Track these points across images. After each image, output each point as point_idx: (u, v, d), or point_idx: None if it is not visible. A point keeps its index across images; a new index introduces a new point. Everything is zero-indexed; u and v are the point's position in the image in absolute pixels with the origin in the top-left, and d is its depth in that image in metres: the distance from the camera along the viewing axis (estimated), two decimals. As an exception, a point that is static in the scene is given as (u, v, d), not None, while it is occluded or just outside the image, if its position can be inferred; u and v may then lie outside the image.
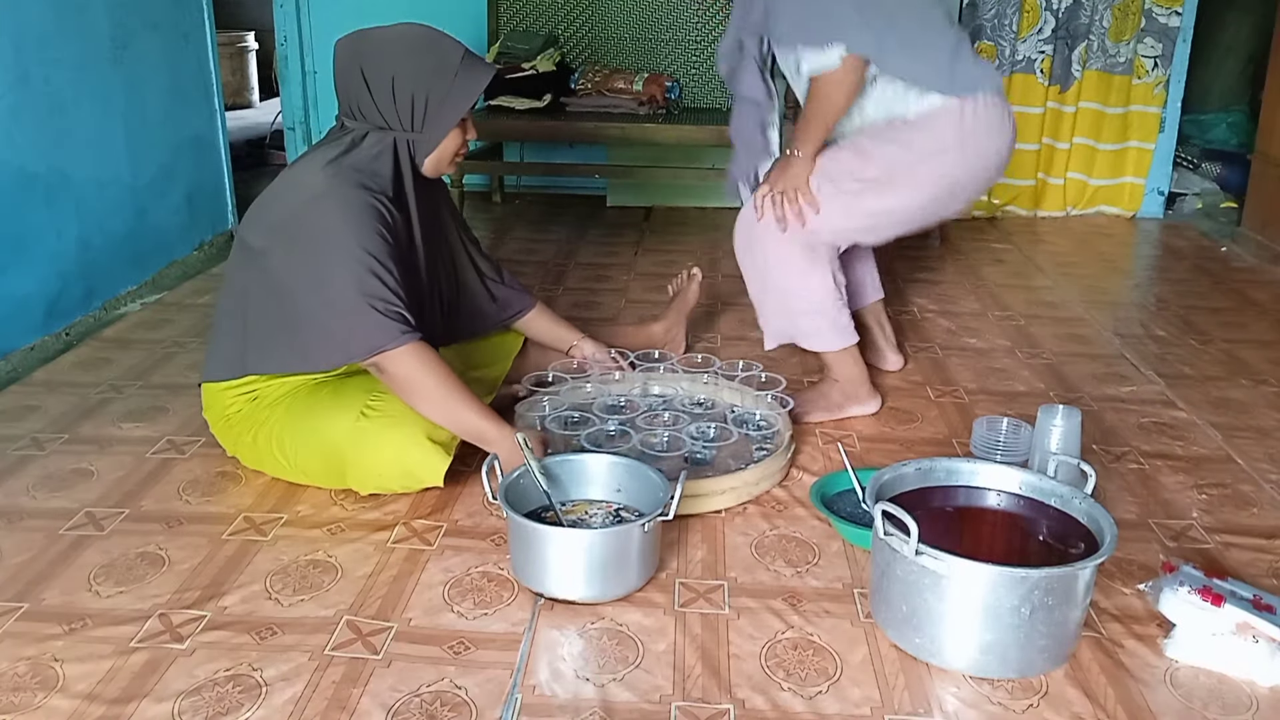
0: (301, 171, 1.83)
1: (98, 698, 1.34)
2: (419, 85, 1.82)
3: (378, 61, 1.81)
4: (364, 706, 1.34)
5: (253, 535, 1.75)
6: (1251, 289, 3.35)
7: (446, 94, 1.83)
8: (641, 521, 1.53)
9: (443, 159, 1.91)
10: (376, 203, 1.77)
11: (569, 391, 2.21)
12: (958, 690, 1.39)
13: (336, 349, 1.75)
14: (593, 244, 3.79)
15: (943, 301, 3.15)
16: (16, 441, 2.08)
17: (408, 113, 1.83)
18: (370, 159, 1.83)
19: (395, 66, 1.80)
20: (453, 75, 1.83)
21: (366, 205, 1.75)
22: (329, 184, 1.76)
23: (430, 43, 1.85)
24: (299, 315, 1.77)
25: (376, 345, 1.71)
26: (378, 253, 1.73)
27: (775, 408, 2.12)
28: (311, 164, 1.82)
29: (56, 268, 2.70)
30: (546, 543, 1.53)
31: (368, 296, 1.71)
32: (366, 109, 1.84)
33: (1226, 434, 2.23)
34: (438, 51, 1.84)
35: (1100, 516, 1.48)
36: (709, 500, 1.84)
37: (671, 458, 1.94)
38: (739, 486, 1.87)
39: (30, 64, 2.58)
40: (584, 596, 1.55)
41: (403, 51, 1.82)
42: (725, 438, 2.03)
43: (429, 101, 1.83)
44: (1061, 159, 4.26)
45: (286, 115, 4.61)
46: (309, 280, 1.74)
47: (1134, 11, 4.08)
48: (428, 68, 1.82)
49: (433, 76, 1.82)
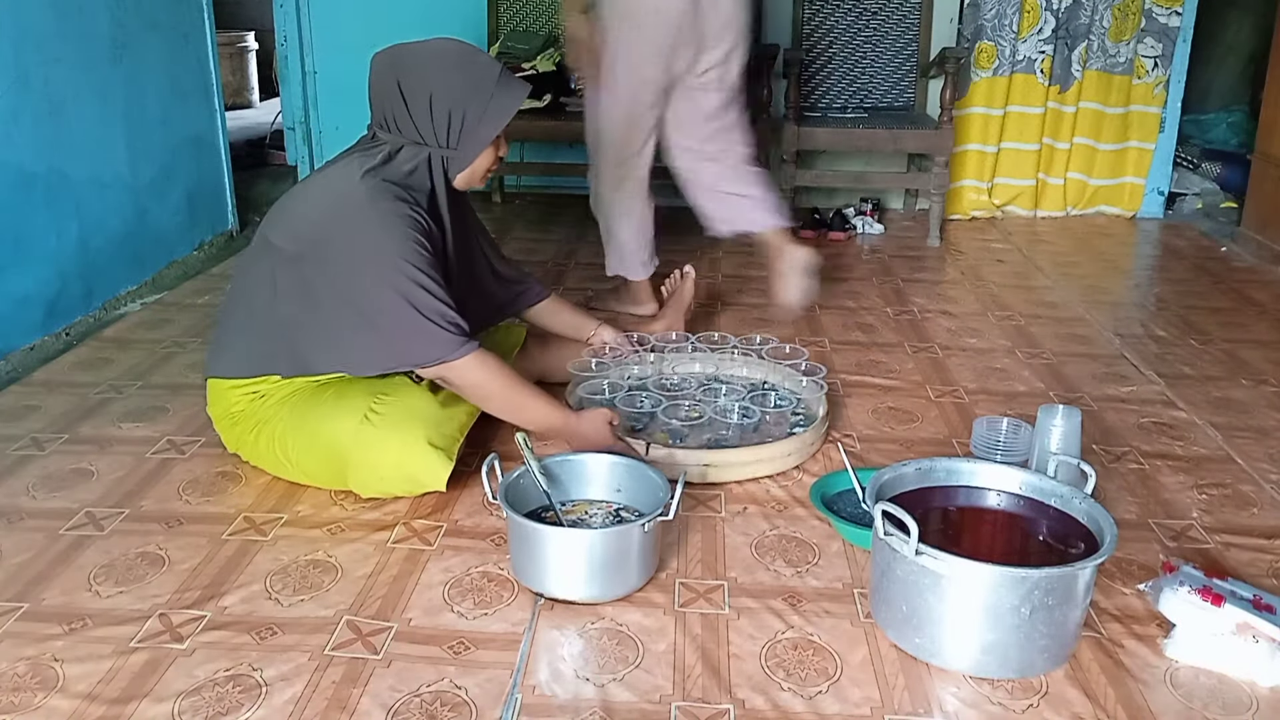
0: (338, 180, 1.81)
1: (97, 698, 1.34)
2: (456, 102, 1.82)
3: (415, 77, 1.81)
4: (364, 706, 1.34)
5: (253, 535, 1.74)
6: (1251, 289, 3.35)
7: (483, 112, 1.84)
8: (642, 521, 1.53)
9: (475, 174, 1.92)
10: (417, 216, 1.78)
11: (619, 371, 2.30)
12: (958, 690, 1.39)
13: (392, 356, 1.77)
14: (593, 244, 3.76)
15: (943, 301, 3.15)
16: (16, 441, 2.08)
17: (444, 129, 1.83)
18: (406, 173, 1.83)
19: (433, 83, 1.80)
20: (489, 93, 1.83)
21: (410, 219, 1.76)
22: (371, 195, 1.75)
23: (468, 59, 1.85)
24: (344, 322, 1.76)
25: (437, 358, 1.74)
26: (425, 265, 1.74)
27: (813, 387, 2.21)
28: (348, 172, 1.80)
29: (56, 268, 2.70)
30: (546, 543, 1.53)
31: (423, 309, 1.72)
32: (403, 123, 1.83)
33: (1226, 434, 2.23)
34: (475, 69, 1.84)
35: (1100, 516, 1.48)
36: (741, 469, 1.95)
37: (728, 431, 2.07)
38: (775, 457, 1.97)
39: (30, 64, 2.58)
40: (584, 597, 1.55)
41: (441, 68, 1.82)
42: (766, 413, 2.12)
43: (466, 119, 1.83)
44: (1061, 159, 4.26)
45: (286, 115, 4.60)
46: (358, 290, 1.74)
47: (1134, 11, 4.08)
48: (465, 85, 1.82)
49: (470, 94, 1.82)
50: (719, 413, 2.09)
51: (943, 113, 3.69)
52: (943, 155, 3.73)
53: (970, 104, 4.16)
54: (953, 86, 3.67)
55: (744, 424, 2.06)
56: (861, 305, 3.09)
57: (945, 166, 3.75)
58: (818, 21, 4.08)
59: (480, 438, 2.00)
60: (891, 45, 4.10)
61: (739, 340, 2.43)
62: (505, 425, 2.16)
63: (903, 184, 4.28)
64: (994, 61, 4.11)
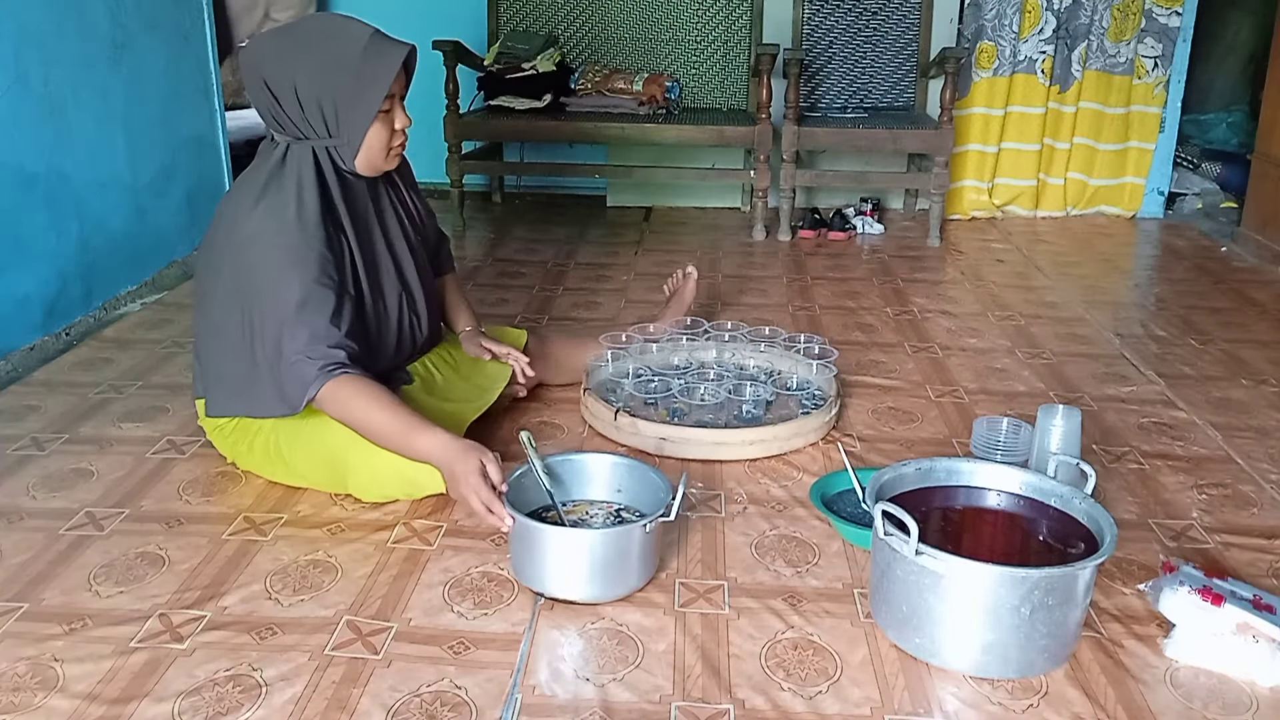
0: (234, 209, 1.74)
1: (97, 698, 1.34)
2: (322, 87, 1.68)
3: (276, 68, 1.69)
4: (364, 707, 1.34)
5: (253, 535, 1.74)
6: (1251, 289, 3.35)
7: (353, 89, 1.68)
8: (643, 522, 1.53)
9: (374, 156, 1.77)
10: (305, 236, 1.68)
11: (638, 354, 2.37)
12: (958, 690, 1.39)
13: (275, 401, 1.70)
14: (593, 244, 3.78)
15: (943, 301, 3.15)
16: (16, 441, 2.07)
17: (319, 118, 1.70)
18: (296, 179, 1.72)
19: (294, 70, 1.67)
20: (355, 67, 1.68)
21: (293, 247, 1.67)
22: (257, 228, 1.68)
23: (325, 35, 1.70)
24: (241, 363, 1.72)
25: (295, 401, 1.67)
26: (304, 298, 1.65)
27: (824, 372, 2.29)
28: (243, 200, 1.73)
29: (56, 268, 2.70)
30: (547, 542, 1.53)
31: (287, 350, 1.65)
32: (281, 120, 1.72)
33: (1227, 434, 2.23)
34: (335, 44, 1.69)
35: (1100, 516, 1.48)
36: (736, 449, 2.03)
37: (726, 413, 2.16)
38: (768, 440, 2.05)
39: (30, 64, 2.58)
40: (584, 597, 1.55)
41: (298, 52, 1.69)
42: (777, 400, 2.23)
43: (337, 102, 1.69)
44: (1062, 159, 4.26)
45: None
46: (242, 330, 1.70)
47: (1134, 11, 4.08)
48: (326, 65, 1.67)
49: (333, 74, 1.67)
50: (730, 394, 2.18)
51: (943, 113, 3.69)
52: (943, 155, 3.73)
53: (971, 104, 4.16)
54: (953, 86, 3.67)
55: (753, 410, 2.14)
56: (861, 305, 3.09)
57: (945, 166, 3.75)
58: (818, 21, 4.08)
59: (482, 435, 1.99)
60: (892, 45, 4.10)
61: (749, 330, 2.51)
62: (508, 422, 2.17)
63: (903, 184, 4.28)
64: (994, 61, 4.11)
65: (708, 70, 4.18)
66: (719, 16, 4.13)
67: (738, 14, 4.11)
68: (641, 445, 2.06)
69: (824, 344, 2.42)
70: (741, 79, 4.16)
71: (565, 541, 1.53)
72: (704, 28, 4.16)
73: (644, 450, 2.05)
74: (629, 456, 1.80)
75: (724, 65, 4.17)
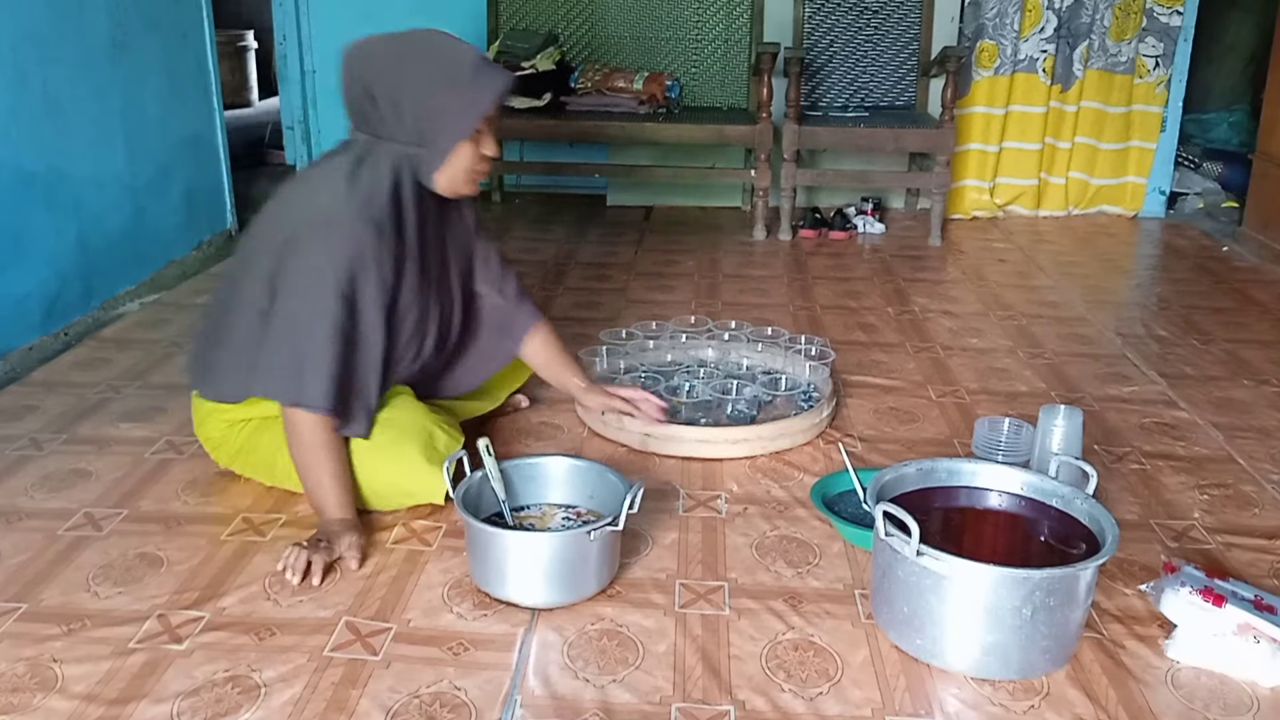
0: (305, 190, 1.76)
1: (96, 698, 1.34)
2: (423, 96, 1.68)
3: (381, 70, 1.69)
4: (363, 708, 1.33)
5: (251, 536, 1.74)
6: (1253, 289, 3.34)
7: (453, 105, 1.69)
8: (588, 529, 1.52)
9: (457, 176, 1.76)
10: (365, 226, 1.68)
11: (638, 351, 2.42)
12: (959, 691, 1.38)
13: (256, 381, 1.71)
14: (593, 243, 3.78)
15: (944, 301, 3.14)
16: (15, 441, 2.07)
17: (413, 126, 1.70)
18: (373, 174, 1.71)
19: (398, 76, 1.69)
20: (460, 85, 1.69)
21: (350, 235, 1.67)
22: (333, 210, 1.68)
23: (436, 49, 1.71)
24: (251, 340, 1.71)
25: (302, 398, 1.66)
26: (341, 316, 1.66)
27: (820, 371, 2.32)
28: (329, 179, 1.72)
29: (55, 267, 2.69)
30: (489, 544, 1.54)
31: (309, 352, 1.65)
32: (372, 120, 1.73)
33: (1228, 434, 2.22)
34: (444, 59, 1.70)
35: (1102, 517, 1.48)
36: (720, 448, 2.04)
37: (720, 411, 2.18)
38: (752, 439, 2.05)
39: (29, 63, 2.58)
40: (532, 602, 1.54)
41: (406, 59, 1.69)
42: (773, 400, 2.24)
43: (434, 114, 1.69)
44: (1063, 158, 4.26)
45: (285, 114, 4.61)
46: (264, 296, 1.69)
47: (1135, 11, 4.07)
48: (432, 77, 1.69)
49: (437, 86, 1.68)
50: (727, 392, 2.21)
51: (944, 112, 3.68)
52: (944, 154, 3.73)
53: (972, 103, 4.15)
54: (954, 86, 3.67)
55: (747, 409, 2.14)
56: (863, 305, 3.08)
57: (947, 166, 3.75)
58: (819, 20, 4.08)
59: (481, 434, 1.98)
60: (893, 44, 4.10)
61: (750, 330, 2.53)
62: (507, 423, 2.17)
63: (904, 183, 4.28)
64: (995, 61, 4.10)
65: (708, 69, 4.17)
66: (719, 15, 4.13)
67: (738, 12, 4.11)
68: (627, 441, 2.08)
69: (824, 345, 2.41)
70: (742, 78, 4.16)
71: (500, 543, 1.53)
72: (704, 26, 4.15)
73: (630, 446, 2.07)
74: (599, 462, 1.77)
75: (725, 64, 4.16)
